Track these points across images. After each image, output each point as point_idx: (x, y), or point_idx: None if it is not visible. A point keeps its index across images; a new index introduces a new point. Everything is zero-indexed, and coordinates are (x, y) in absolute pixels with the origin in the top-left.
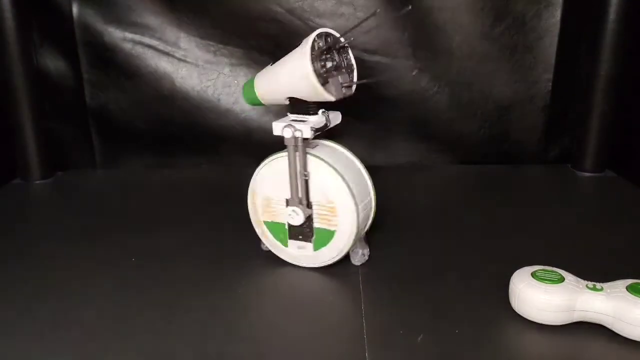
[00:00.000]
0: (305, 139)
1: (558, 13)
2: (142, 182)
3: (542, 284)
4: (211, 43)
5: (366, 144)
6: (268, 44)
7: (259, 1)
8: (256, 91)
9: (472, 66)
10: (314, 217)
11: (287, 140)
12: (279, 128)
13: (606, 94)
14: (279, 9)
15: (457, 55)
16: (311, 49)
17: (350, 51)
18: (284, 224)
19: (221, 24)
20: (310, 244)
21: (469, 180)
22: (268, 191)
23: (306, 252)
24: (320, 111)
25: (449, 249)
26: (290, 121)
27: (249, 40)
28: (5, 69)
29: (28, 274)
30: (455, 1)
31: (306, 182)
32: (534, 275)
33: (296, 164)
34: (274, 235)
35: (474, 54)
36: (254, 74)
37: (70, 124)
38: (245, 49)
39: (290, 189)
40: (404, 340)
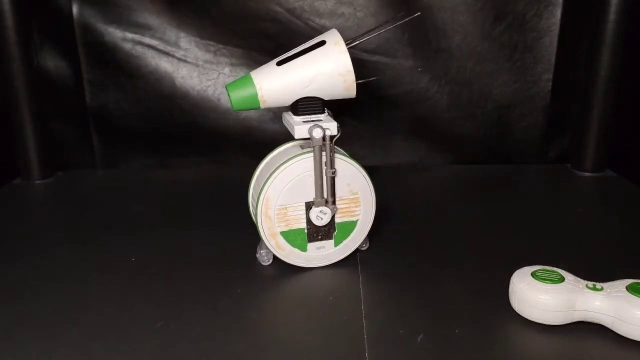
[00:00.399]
0: (332, 137)
1: (558, 13)
2: (142, 182)
3: (542, 284)
4: (211, 43)
5: (366, 143)
6: (268, 44)
7: (259, 1)
8: (258, 92)
9: (472, 66)
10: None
11: (316, 140)
12: (303, 130)
13: (606, 94)
14: (279, 9)
15: (457, 55)
16: None
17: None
18: (302, 229)
19: (221, 24)
20: (331, 240)
21: (468, 180)
22: (284, 200)
23: (325, 251)
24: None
25: (448, 249)
26: (314, 122)
27: (249, 40)
28: (5, 69)
29: (28, 273)
30: (455, 1)
31: (333, 179)
32: (534, 275)
33: (322, 164)
34: (290, 243)
35: (474, 54)
36: None
37: (70, 124)
38: (245, 49)
39: (315, 190)
40: (404, 340)
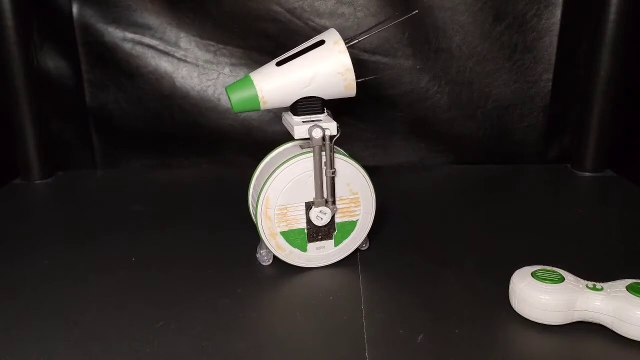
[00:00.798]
0: (331, 137)
1: (558, 13)
2: (142, 182)
3: (542, 284)
4: (211, 43)
5: (366, 143)
6: (268, 44)
7: (259, 1)
8: (258, 94)
9: (472, 66)
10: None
11: (316, 140)
12: (303, 131)
13: (606, 94)
14: (279, 9)
15: (457, 55)
16: None
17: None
18: (302, 228)
19: (221, 24)
20: (331, 240)
21: (469, 180)
22: (284, 200)
23: (325, 251)
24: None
25: (448, 249)
26: (314, 122)
27: (249, 40)
28: (6, 69)
29: (28, 273)
30: (455, 1)
31: (332, 179)
32: (534, 275)
33: (322, 164)
34: (291, 243)
35: (474, 54)
36: None
37: (70, 124)
38: (245, 49)
39: (315, 190)
40: (404, 340)
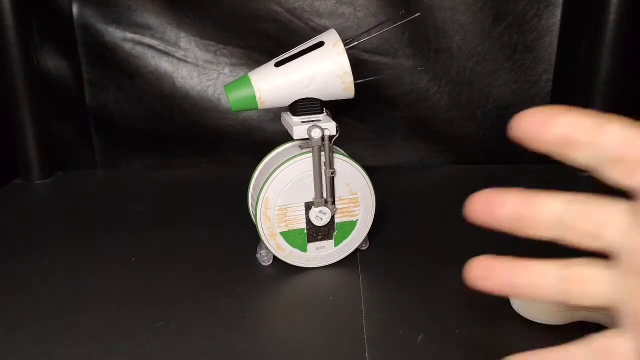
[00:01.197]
0: (330, 137)
1: (558, 13)
2: (142, 182)
3: None
4: (211, 43)
5: (366, 143)
6: (268, 44)
7: (259, 1)
8: (256, 93)
9: (472, 66)
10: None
11: (314, 141)
12: (302, 131)
13: (606, 94)
14: (279, 9)
15: (457, 55)
16: None
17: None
18: (302, 229)
19: (221, 24)
20: (331, 240)
21: (469, 180)
22: (284, 200)
23: (325, 251)
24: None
25: (448, 249)
26: (313, 122)
27: (249, 40)
28: (5, 69)
29: (28, 273)
30: (455, 1)
31: (332, 179)
32: None
33: (321, 164)
34: (290, 244)
35: (474, 53)
36: None
37: (70, 124)
38: (245, 49)
39: (315, 190)
40: (404, 340)
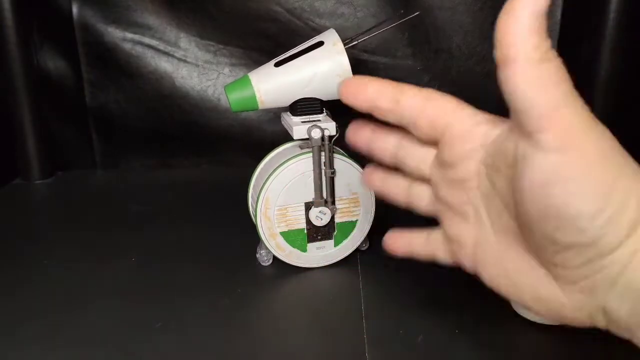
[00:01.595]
0: (330, 137)
1: (558, 13)
2: (142, 182)
3: None
4: (211, 43)
5: None
6: (268, 44)
7: (259, 1)
8: (256, 94)
9: (472, 66)
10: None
11: (314, 141)
12: (302, 131)
13: (606, 94)
14: (279, 9)
15: (457, 56)
16: None
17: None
18: (302, 229)
19: (221, 24)
20: (331, 240)
21: None
22: (283, 200)
23: (325, 251)
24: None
25: None
26: (313, 122)
27: (249, 40)
28: (5, 69)
29: (28, 273)
30: (455, 1)
31: (332, 179)
32: None
33: (321, 164)
34: (290, 244)
35: (474, 54)
36: None
37: (70, 124)
38: (245, 49)
39: (314, 190)
40: (404, 340)
